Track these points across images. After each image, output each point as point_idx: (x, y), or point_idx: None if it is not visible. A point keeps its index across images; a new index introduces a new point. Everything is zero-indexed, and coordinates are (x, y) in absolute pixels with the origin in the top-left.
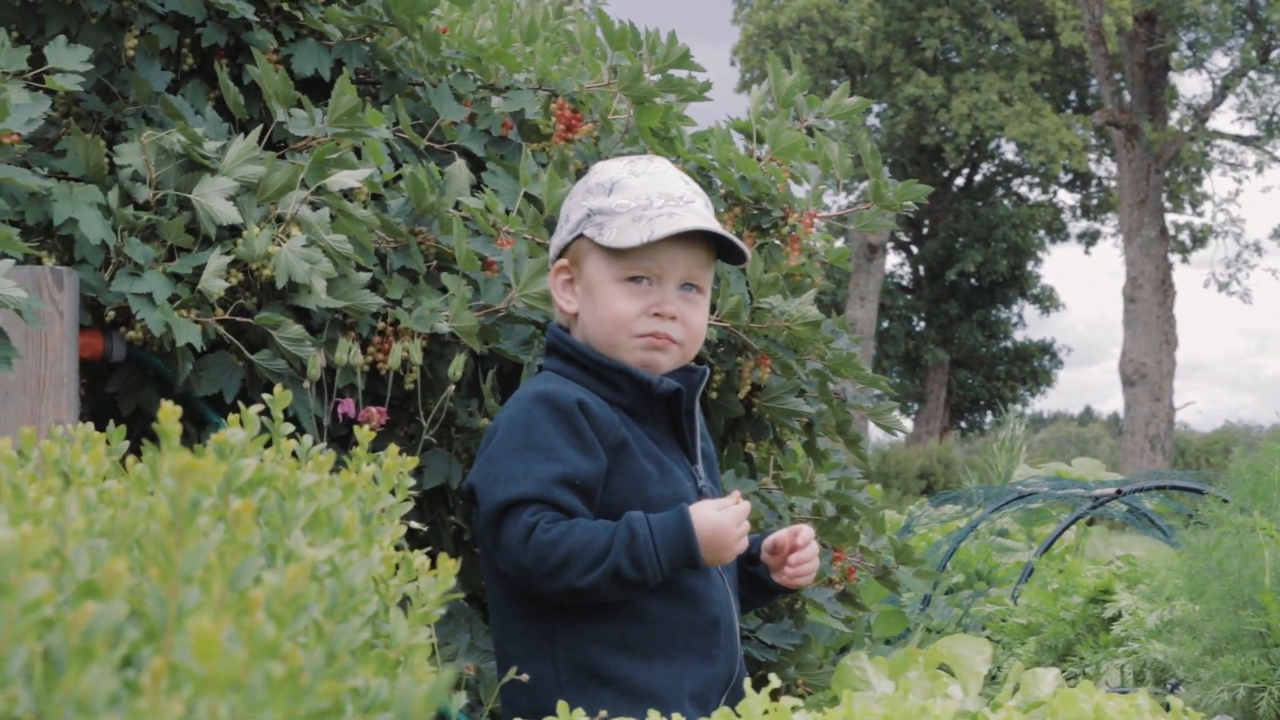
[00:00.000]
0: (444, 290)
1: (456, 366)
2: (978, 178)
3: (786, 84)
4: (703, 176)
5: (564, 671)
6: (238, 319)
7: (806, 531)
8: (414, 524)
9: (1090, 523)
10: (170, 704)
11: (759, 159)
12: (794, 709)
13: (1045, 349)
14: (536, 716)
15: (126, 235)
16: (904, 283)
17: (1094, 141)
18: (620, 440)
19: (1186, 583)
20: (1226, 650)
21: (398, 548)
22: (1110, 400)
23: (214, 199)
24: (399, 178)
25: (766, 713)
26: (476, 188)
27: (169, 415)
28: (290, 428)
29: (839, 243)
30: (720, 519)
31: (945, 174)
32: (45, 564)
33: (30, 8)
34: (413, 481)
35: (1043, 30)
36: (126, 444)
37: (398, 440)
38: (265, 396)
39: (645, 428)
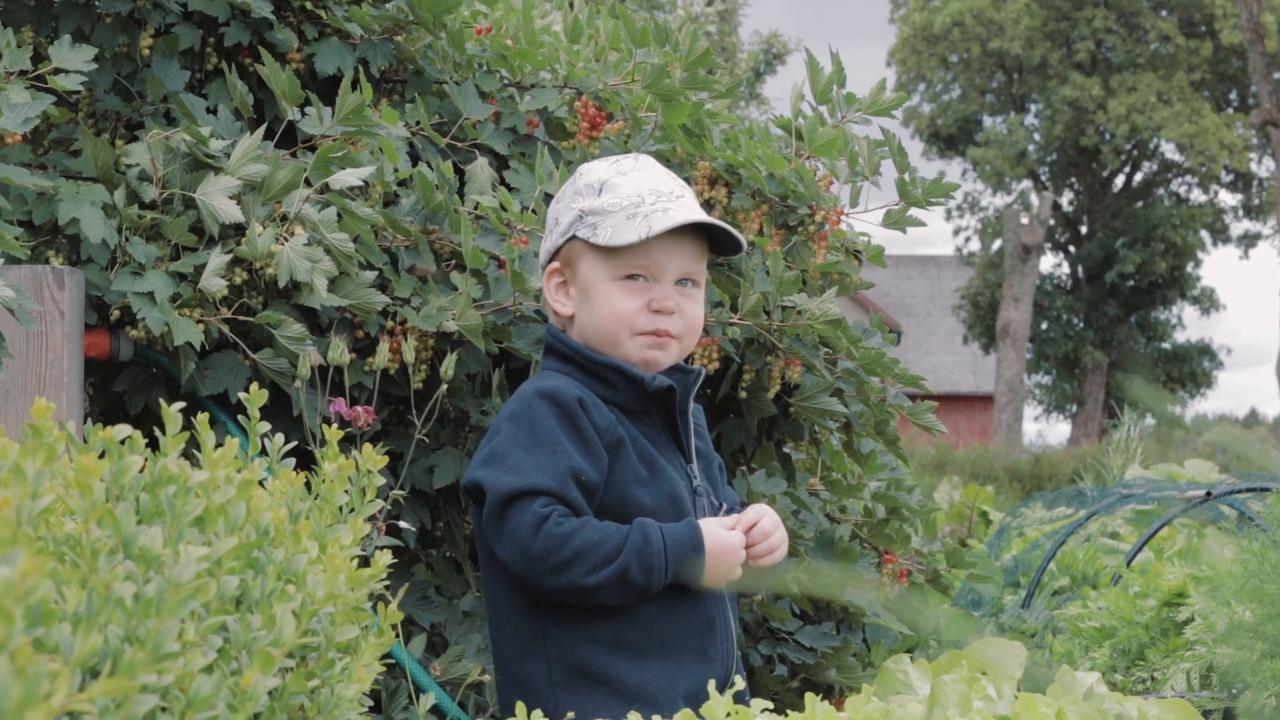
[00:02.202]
0: (456, 289)
1: (449, 365)
2: (1137, 178)
3: (823, 80)
4: (732, 174)
5: (557, 671)
6: (242, 318)
7: (757, 512)
8: (403, 524)
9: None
10: None
11: (800, 155)
12: (762, 710)
13: (1204, 350)
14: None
15: (130, 234)
16: (1063, 284)
17: (1255, 141)
18: (617, 439)
19: (1243, 585)
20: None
21: (401, 549)
22: (1276, 402)
23: (217, 198)
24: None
25: (729, 715)
26: (501, 185)
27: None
28: (267, 426)
29: (994, 247)
30: (730, 539)
31: (1104, 174)
32: None
33: (44, 7)
34: (382, 481)
35: (1203, 29)
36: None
37: (411, 440)
38: (242, 395)
39: (640, 426)
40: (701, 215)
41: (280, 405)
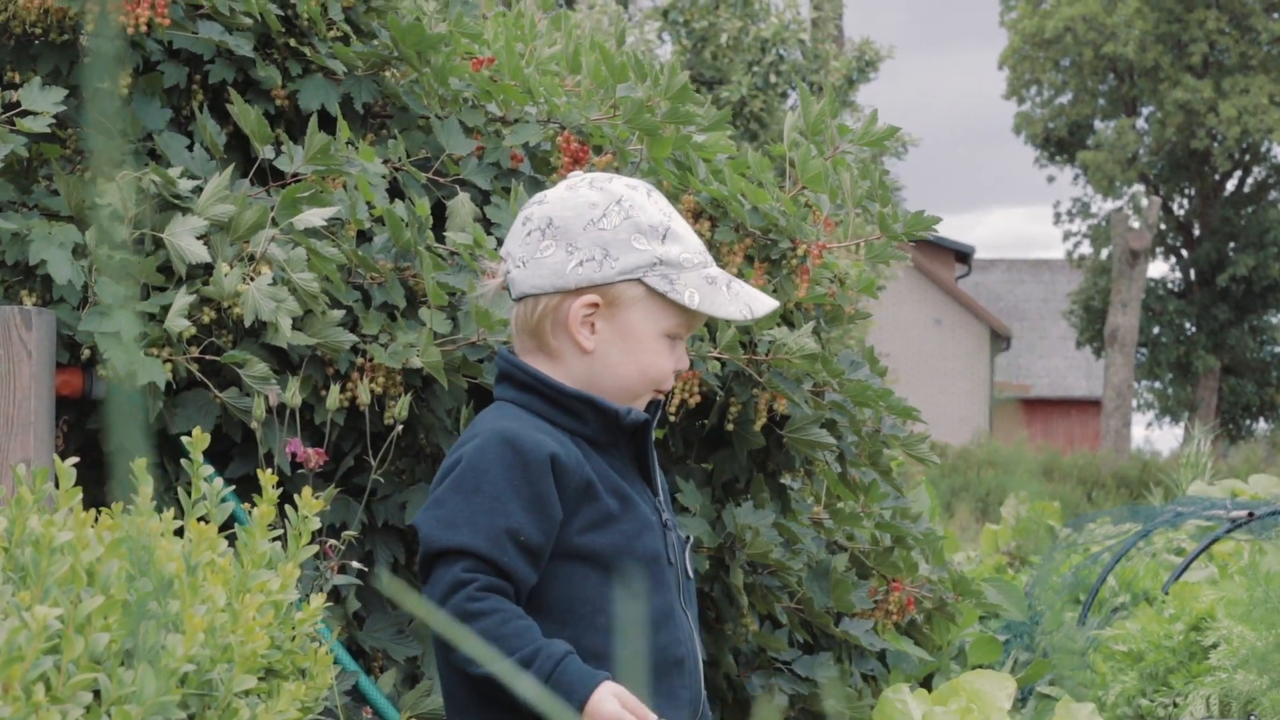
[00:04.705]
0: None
1: (402, 406)
2: (1249, 181)
3: (814, 111)
4: (716, 208)
5: (527, 715)
6: (210, 357)
7: None
8: (355, 564)
9: None
10: None
11: (795, 186)
12: None
13: None
14: None
15: (99, 274)
16: (1175, 288)
17: None
18: (585, 481)
19: (1249, 612)
20: None
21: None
22: None
23: (184, 238)
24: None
25: None
26: (484, 220)
27: None
28: (209, 470)
29: (1104, 253)
30: (615, 713)
31: (1216, 178)
32: None
33: (22, 47)
34: (317, 523)
35: None
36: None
37: (386, 476)
38: (184, 439)
39: (608, 459)
40: (773, 301)
41: (252, 443)
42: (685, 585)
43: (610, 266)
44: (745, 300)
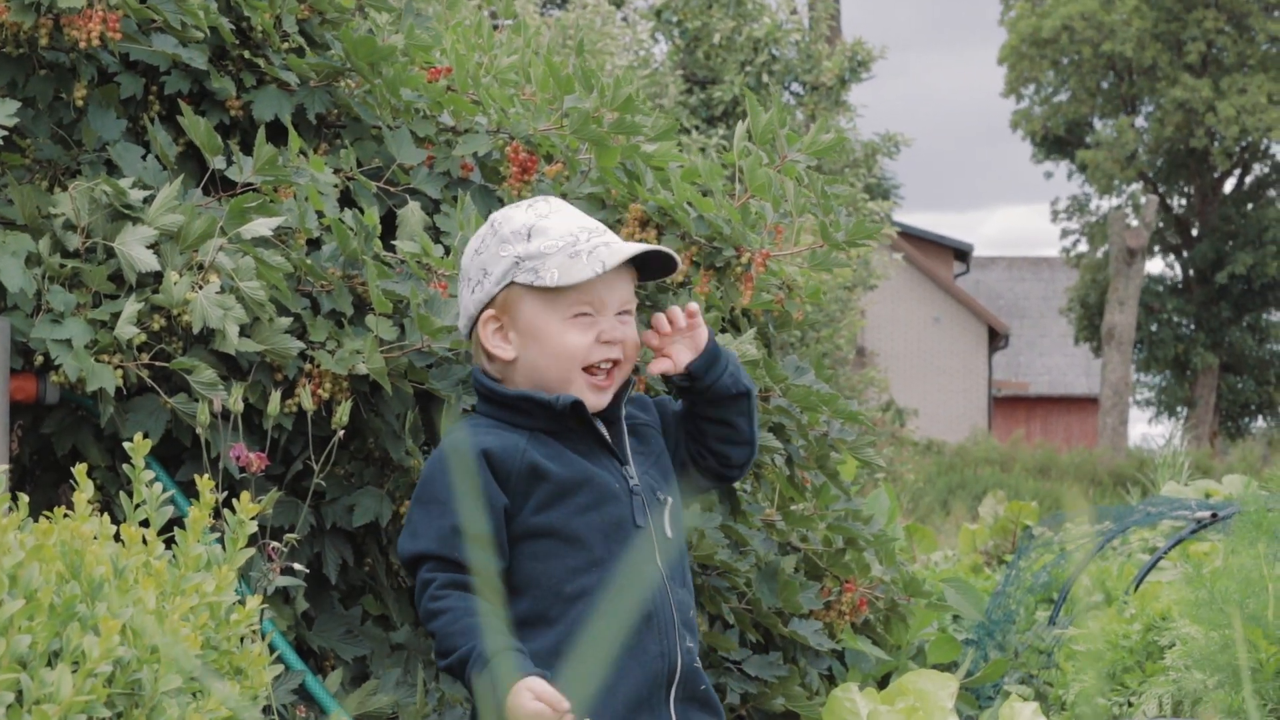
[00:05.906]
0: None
1: (343, 413)
2: (1248, 180)
3: (763, 121)
4: (663, 216)
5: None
6: (160, 364)
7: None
8: (296, 565)
9: None
10: None
11: (745, 194)
12: None
13: None
14: None
15: (50, 283)
16: (1175, 285)
17: None
18: (527, 466)
19: (1195, 613)
20: (1229, 684)
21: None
22: None
23: (134, 247)
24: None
25: None
26: (434, 229)
27: None
28: (150, 475)
29: (1101, 251)
30: (526, 707)
31: (1215, 176)
32: None
33: None
34: (254, 527)
35: None
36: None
37: (336, 479)
38: (126, 444)
39: (566, 443)
40: (639, 245)
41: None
42: (661, 544)
43: (489, 281)
44: (601, 259)
